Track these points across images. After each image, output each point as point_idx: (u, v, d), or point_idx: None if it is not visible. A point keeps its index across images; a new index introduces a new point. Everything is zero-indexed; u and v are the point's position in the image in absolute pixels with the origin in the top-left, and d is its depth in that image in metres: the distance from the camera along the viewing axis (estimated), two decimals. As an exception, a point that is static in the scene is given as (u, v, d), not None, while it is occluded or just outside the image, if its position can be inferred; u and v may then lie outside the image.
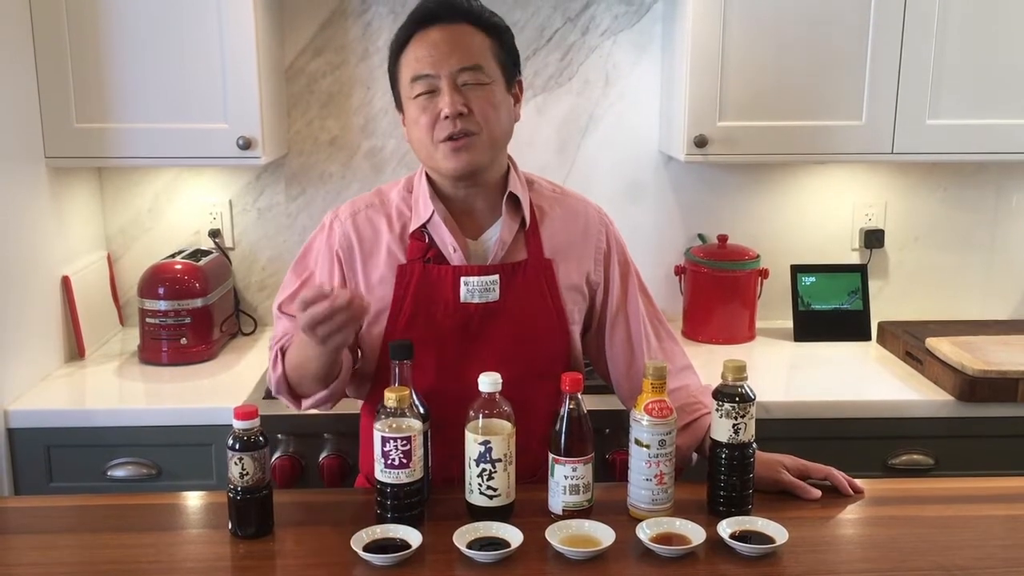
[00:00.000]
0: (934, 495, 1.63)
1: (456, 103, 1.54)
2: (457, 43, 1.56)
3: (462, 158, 1.57)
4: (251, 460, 1.42)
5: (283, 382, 1.65)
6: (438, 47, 1.56)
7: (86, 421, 2.11)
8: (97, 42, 2.25)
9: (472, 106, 1.56)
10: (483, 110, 1.57)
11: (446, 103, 1.54)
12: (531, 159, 2.44)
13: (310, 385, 1.62)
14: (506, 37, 1.63)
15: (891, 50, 2.32)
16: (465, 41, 1.57)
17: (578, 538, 1.40)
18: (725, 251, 2.60)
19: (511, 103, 1.64)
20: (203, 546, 1.46)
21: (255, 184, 2.66)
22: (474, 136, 1.57)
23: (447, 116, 1.55)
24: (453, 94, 1.55)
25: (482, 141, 1.58)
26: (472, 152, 1.57)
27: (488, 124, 1.58)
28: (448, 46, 1.56)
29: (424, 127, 1.58)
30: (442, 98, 1.55)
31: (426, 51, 1.56)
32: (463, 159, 1.58)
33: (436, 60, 1.55)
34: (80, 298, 2.42)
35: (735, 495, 1.49)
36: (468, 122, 1.56)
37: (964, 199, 2.72)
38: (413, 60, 1.57)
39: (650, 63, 2.63)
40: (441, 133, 1.57)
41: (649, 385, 1.46)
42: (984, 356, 2.21)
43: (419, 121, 1.58)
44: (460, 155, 1.57)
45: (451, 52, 1.55)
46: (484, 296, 1.62)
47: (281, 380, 1.65)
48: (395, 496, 1.43)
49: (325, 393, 1.63)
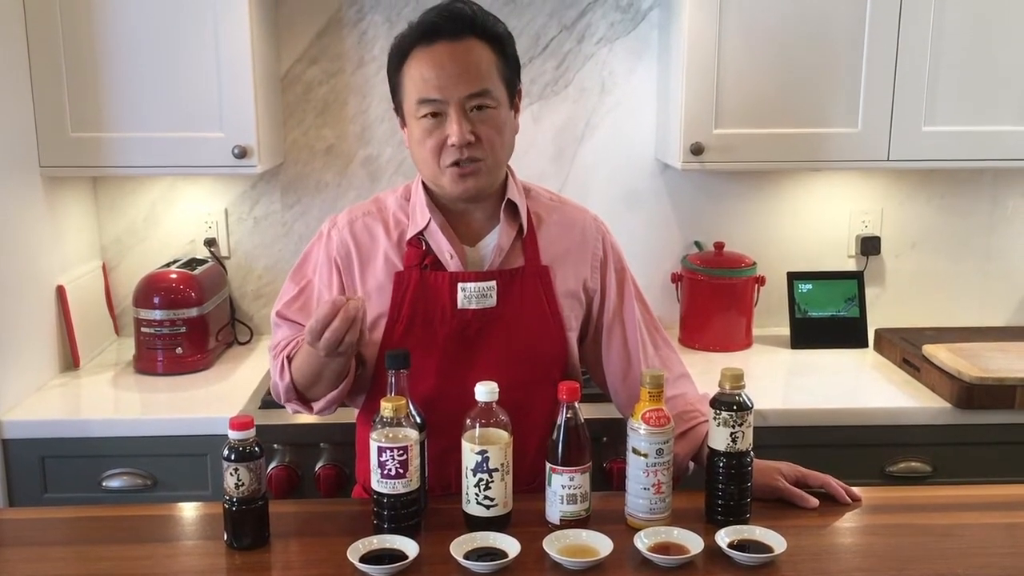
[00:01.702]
0: (932, 503, 1.63)
1: (464, 132, 1.54)
2: (464, 64, 1.55)
3: (468, 183, 1.59)
4: (247, 471, 1.41)
5: (292, 390, 1.65)
6: (445, 68, 1.54)
7: (81, 431, 2.10)
8: (92, 51, 2.24)
9: (479, 133, 1.56)
10: (489, 137, 1.57)
11: (454, 132, 1.54)
12: (528, 167, 2.43)
13: (322, 389, 1.62)
14: (509, 48, 1.63)
15: (887, 58, 2.32)
16: (472, 61, 1.56)
17: (576, 548, 1.40)
18: (722, 258, 2.60)
19: (513, 119, 1.65)
20: (199, 557, 1.45)
21: (251, 193, 2.66)
22: (480, 163, 1.57)
23: (454, 144, 1.55)
24: (461, 122, 1.54)
25: (488, 167, 1.59)
26: (478, 178, 1.59)
27: (494, 150, 1.58)
28: (455, 67, 1.54)
29: (430, 150, 1.58)
30: (450, 126, 1.55)
31: (433, 72, 1.54)
32: (469, 184, 1.59)
33: (443, 85, 1.54)
34: (75, 308, 2.41)
35: (733, 504, 1.49)
36: (475, 150, 1.56)
37: (960, 206, 2.73)
38: (419, 80, 1.56)
39: (646, 71, 2.63)
40: (448, 159, 1.57)
41: (646, 394, 1.46)
42: (981, 363, 2.21)
43: (424, 143, 1.58)
44: (467, 180, 1.58)
45: (459, 76, 1.54)
46: (481, 302, 1.62)
47: (290, 388, 1.65)
48: (392, 506, 1.43)
49: (336, 393, 1.63)
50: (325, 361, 1.53)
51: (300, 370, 1.62)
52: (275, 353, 1.68)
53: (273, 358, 1.69)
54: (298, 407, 1.68)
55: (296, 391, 1.65)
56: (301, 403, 1.67)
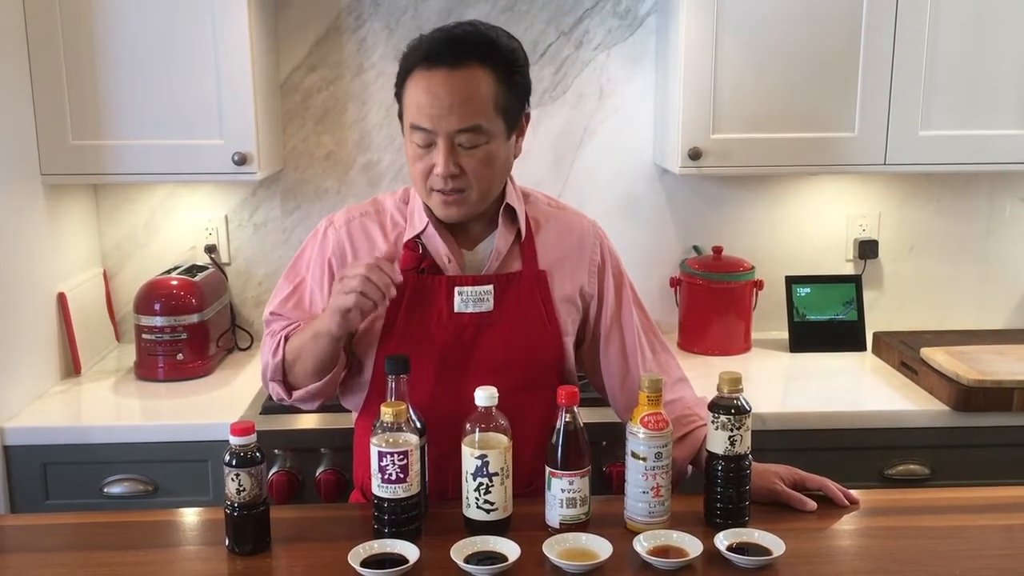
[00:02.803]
0: (930, 505, 1.64)
1: (448, 165, 1.56)
2: (461, 95, 1.54)
3: (452, 211, 1.61)
4: (248, 476, 1.42)
5: (279, 369, 1.66)
6: (439, 98, 1.54)
7: (82, 438, 2.11)
8: (93, 59, 2.25)
9: (465, 166, 1.57)
10: (475, 170, 1.58)
11: (440, 164, 1.56)
12: (526, 173, 2.44)
13: (306, 375, 1.63)
14: (517, 75, 1.60)
15: (883, 62, 2.33)
16: (468, 92, 1.54)
17: (575, 551, 1.40)
18: (720, 263, 2.61)
19: (509, 149, 1.64)
20: (200, 563, 1.46)
21: (251, 199, 2.67)
22: (464, 193, 1.59)
23: (439, 175, 1.57)
24: (448, 155, 1.56)
25: (472, 196, 1.60)
26: (462, 206, 1.61)
27: (479, 182, 1.59)
28: (450, 98, 1.54)
29: (419, 172, 1.60)
30: (436, 156, 1.57)
31: (427, 100, 1.55)
32: (453, 211, 1.62)
33: (435, 116, 1.54)
34: (76, 314, 2.42)
35: (732, 507, 1.50)
36: (459, 181, 1.58)
37: (957, 209, 2.73)
38: (414, 105, 1.57)
39: (644, 76, 2.64)
40: (434, 184, 1.59)
41: (645, 398, 1.46)
42: (979, 366, 2.21)
43: (416, 164, 1.61)
44: (450, 207, 1.61)
45: (451, 109, 1.54)
46: (478, 306, 1.63)
47: (278, 367, 1.66)
48: (392, 511, 1.43)
49: (318, 386, 1.64)
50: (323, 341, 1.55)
51: (293, 344, 1.63)
52: (271, 332, 1.69)
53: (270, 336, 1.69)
54: (280, 391, 1.68)
55: (283, 371, 1.66)
56: (283, 386, 1.67)
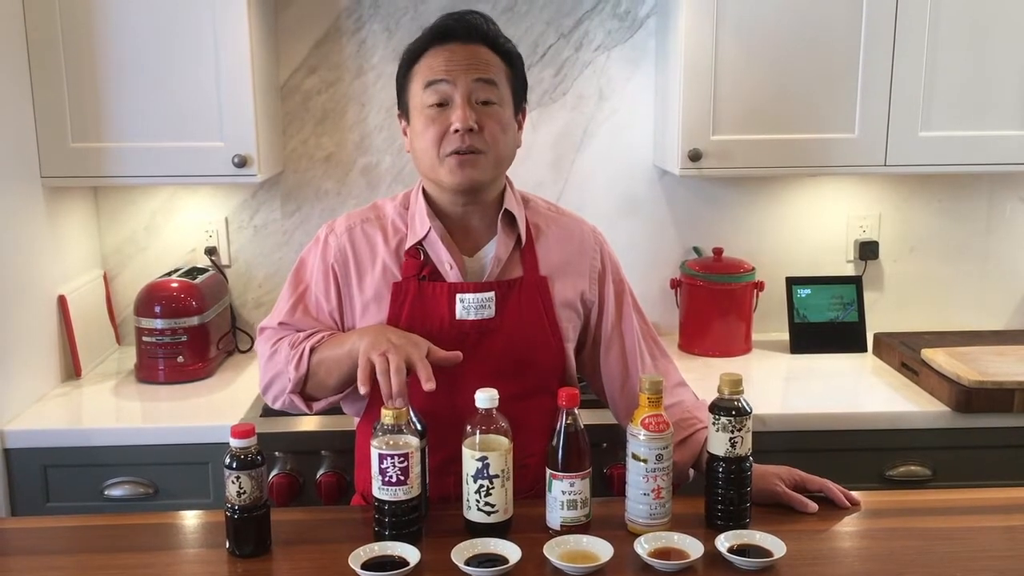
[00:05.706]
0: (931, 506, 1.64)
1: (468, 118, 1.56)
2: (474, 57, 1.60)
3: (466, 173, 1.59)
4: (248, 479, 1.42)
5: (302, 383, 1.62)
6: (455, 56, 1.59)
7: (83, 441, 2.11)
8: (92, 62, 2.25)
9: (483, 124, 1.57)
10: (492, 130, 1.59)
11: (458, 117, 1.56)
12: (526, 175, 2.44)
13: (325, 389, 1.62)
14: (518, 65, 1.67)
15: (883, 63, 2.33)
16: (483, 58, 1.60)
17: (576, 553, 1.40)
18: (720, 264, 2.61)
19: (516, 128, 1.67)
20: (201, 565, 1.45)
21: (251, 202, 2.67)
22: (480, 154, 1.58)
23: (457, 130, 1.56)
24: (466, 108, 1.56)
25: (487, 160, 1.60)
26: (476, 169, 1.59)
27: (496, 145, 1.60)
28: (466, 58, 1.59)
29: (431, 139, 1.59)
30: (454, 112, 1.57)
31: (443, 60, 1.59)
32: (467, 174, 1.59)
33: (452, 68, 1.58)
34: (76, 317, 2.42)
35: (733, 509, 1.50)
36: (477, 139, 1.57)
37: (957, 210, 2.73)
38: (428, 68, 1.60)
39: (644, 78, 2.64)
40: (448, 147, 1.58)
41: (645, 399, 1.46)
42: (980, 367, 2.21)
43: (426, 133, 1.59)
44: (464, 170, 1.59)
45: (468, 64, 1.58)
46: (480, 313, 1.63)
47: (301, 381, 1.62)
48: (393, 513, 1.43)
49: (338, 397, 1.65)
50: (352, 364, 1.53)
51: (324, 364, 1.59)
52: (291, 343, 1.64)
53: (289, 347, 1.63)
54: (298, 403, 1.65)
55: (304, 385, 1.62)
56: (303, 399, 1.65)
